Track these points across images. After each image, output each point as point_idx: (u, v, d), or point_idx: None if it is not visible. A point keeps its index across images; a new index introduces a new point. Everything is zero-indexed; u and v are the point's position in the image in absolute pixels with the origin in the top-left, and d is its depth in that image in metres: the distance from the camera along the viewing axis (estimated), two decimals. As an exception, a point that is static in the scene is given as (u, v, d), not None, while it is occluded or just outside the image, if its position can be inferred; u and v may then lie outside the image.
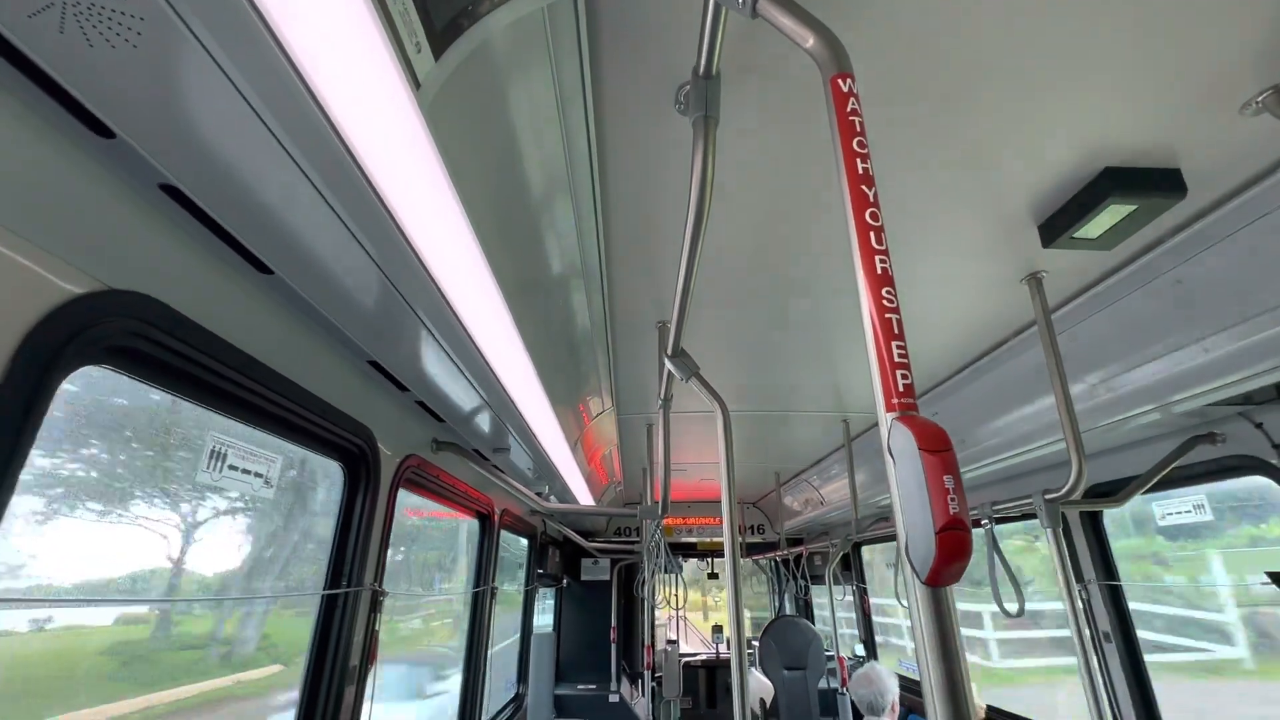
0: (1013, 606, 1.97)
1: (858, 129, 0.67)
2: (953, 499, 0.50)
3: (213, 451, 1.33)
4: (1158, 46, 1.08)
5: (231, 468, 1.36)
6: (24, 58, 0.71)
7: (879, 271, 0.62)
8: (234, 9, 0.67)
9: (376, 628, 1.97)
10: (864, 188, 0.65)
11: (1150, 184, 1.39)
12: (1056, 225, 1.55)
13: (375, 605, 1.96)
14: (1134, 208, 1.43)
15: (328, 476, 1.91)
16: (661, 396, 2.30)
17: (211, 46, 0.71)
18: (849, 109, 0.68)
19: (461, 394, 2.00)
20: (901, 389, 0.57)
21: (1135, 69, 1.13)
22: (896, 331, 0.60)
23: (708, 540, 7.36)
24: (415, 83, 0.84)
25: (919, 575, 0.51)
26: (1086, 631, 2.21)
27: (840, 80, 0.69)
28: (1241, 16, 1.03)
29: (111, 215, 0.97)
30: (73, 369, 0.94)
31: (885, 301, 0.61)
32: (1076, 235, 1.54)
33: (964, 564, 0.50)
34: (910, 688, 4.42)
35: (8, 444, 0.83)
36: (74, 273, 0.91)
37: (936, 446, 0.52)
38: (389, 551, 2.07)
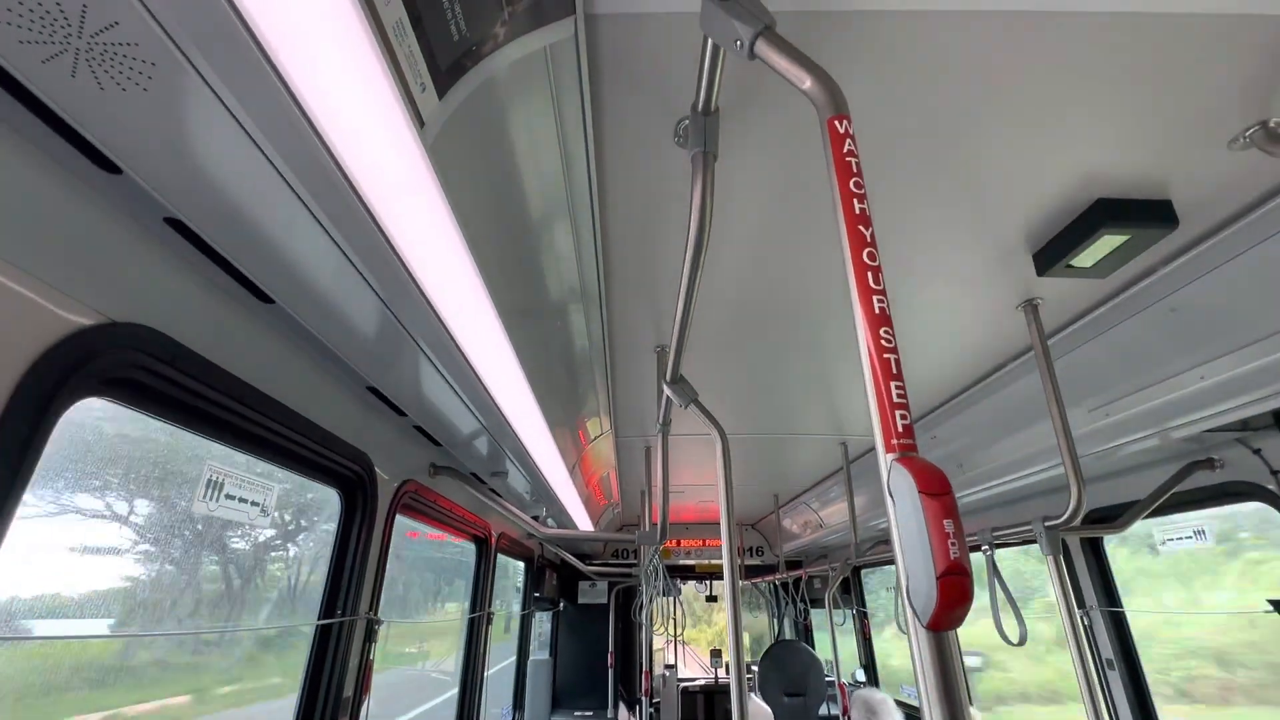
0: (1015, 634, 1.96)
1: (854, 169, 0.67)
2: (953, 543, 0.50)
3: (209, 480, 1.32)
4: (1148, 83, 1.11)
5: (228, 496, 1.36)
6: (35, 99, 0.72)
7: (877, 311, 0.62)
8: (243, 53, 0.68)
9: (371, 657, 1.94)
10: (861, 228, 0.65)
11: (1142, 215, 1.40)
12: (1051, 254, 1.56)
13: (370, 634, 1.93)
14: (1126, 238, 1.45)
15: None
16: (660, 421, 2.30)
17: (220, 88, 0.72)
18: (845, 150, 0.68)
19: (460, 418, 2.00)
20: (901, 429, 0.57)
21: (1126, 105, 1.16)
22: (895, 372, 0.59)
23: (706, 562, 7.28)
24: (419, 121, 0.85)
25: (921, 620, 0.51)
26: (1090, 658, 2.18)
27: (837, 122, 0.70)
28: (1229, 55, 1.05)
29: (115, 248, 0.97)
30: (74, 401, 0.94)
31: (884, 341, 0.60)
32: (1071, 264, 1.55)
33: (966, 608, 0.50)
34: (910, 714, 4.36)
35: (7, 476, 0.83)
36: (78, 305, 0.92)
37: (936, 490, 0.52)
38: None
